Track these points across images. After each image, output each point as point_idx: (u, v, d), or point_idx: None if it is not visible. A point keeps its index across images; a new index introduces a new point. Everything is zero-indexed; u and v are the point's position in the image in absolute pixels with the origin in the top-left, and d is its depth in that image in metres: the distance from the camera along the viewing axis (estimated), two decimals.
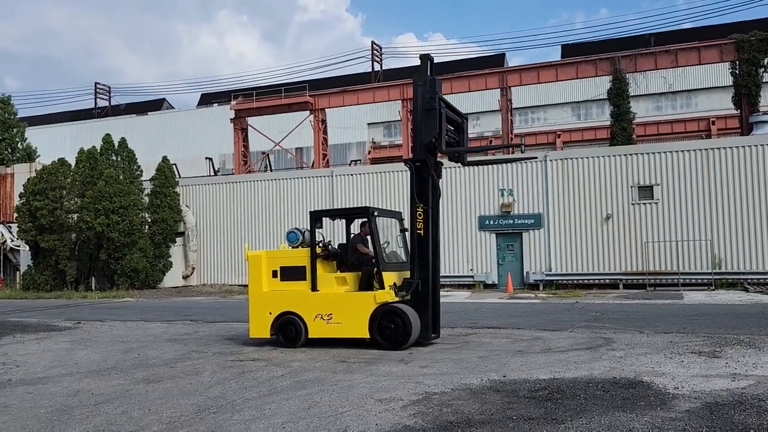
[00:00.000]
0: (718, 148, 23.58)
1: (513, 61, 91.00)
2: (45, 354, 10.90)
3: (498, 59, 54.21)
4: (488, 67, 41.98)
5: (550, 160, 25.57)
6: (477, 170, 25.88)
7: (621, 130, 32.30)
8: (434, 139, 9.90)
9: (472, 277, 25.78)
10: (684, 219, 23.53)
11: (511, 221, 25.73)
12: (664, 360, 8.45)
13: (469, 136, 44.44)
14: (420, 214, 10.12)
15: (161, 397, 7.20)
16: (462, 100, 47.99)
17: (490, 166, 26.46)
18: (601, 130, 41.90)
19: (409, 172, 10.46)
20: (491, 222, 25.97)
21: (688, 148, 24.22)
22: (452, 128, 10.75)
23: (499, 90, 36.20)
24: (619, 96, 32.64)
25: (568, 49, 51.03)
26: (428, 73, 10.30)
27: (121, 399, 7.16)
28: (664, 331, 11.43)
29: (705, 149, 23.78)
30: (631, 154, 24.63)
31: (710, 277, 22.48)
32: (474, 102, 49.27)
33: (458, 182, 26.14)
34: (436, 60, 10.64)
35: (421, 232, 10.11)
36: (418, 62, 10.49)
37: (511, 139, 36.30)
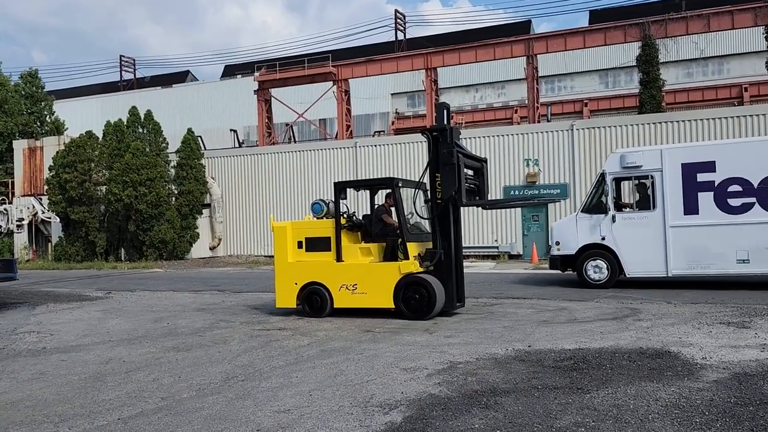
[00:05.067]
0: (751, 116, 22.99)
1: (539, 28, 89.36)
2: (77, 323, 11.16)
3: (524, 26, 53.17)
4: (514, 34, 41.18)
5: (577, 129, 25.17)
6: (502, 140, 25.59)
7: (650, 98, 31.60)
8: (454, 192, 9.97)
9: (497, 248, 25.71)
10: None
11: (537, 191, 25.49)
12: (692, 330, 8.36)
13: (494, 105, 43.37)
14: (439, 184, 10.09)
15: (190, 365, 7.34)
16: (487, 68, 47.48)
17: (515, 135, 26.24)
18: (630, 98, 41.02)
19: None
20: (516, 192, 25.73)
21: (719, 115, 23.64)
22: (472, 173, 10.72)
23: (524, 58, 35.57)
24: (648, 63, 31.87)
25: (596, 15, 49.85)
26: (445, 122, 10.21)
27: (151, 367, 7.32)
28: (692, 301, 11.30)
29: (737, 117, 23.20)
30: (660, 123, 24.13)
31: None
32: (499, 70, 48.49)
33: (483, 152, 25.90)
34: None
35: (441, 201, 10.09)
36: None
37: (537, 108, 35.76)
